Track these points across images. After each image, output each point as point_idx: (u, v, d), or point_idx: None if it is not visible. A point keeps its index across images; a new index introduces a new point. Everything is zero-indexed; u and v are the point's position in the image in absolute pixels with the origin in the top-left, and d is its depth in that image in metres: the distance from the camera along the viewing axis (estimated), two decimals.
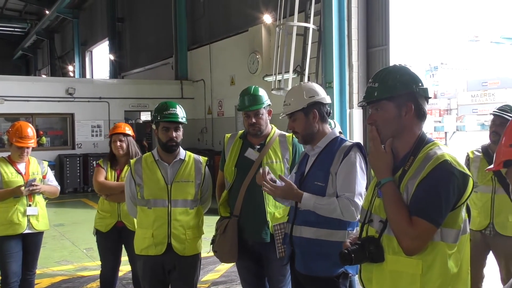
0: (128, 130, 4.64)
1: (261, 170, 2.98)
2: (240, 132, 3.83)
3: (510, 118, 3.94)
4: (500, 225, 4.07)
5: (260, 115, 3.66)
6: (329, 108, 3.05)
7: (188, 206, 3.61)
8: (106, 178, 4.54)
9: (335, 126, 4.92)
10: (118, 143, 4.56)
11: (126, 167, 4.56)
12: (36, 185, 4.58)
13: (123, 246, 4.60)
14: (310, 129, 3.00)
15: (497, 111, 4.02)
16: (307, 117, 2.99)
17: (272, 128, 3.77)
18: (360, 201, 2.76)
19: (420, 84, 2.13)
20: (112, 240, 4.54)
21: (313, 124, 3.00)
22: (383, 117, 2.13)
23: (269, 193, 2.95)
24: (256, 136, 3.68)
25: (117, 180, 4.54)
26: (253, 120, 3.64)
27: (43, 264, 6.62)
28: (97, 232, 4.59)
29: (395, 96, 2.10)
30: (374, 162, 2.13)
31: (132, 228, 4.43)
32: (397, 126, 2.12)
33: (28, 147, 4.65)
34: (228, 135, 3.86)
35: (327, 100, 3.05)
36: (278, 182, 2.95)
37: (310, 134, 3.01)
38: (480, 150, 4.20)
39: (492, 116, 4.05)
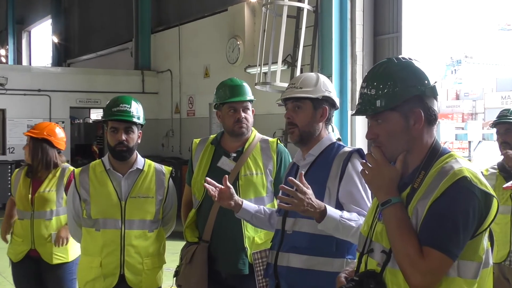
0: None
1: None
2: (212, 136, 3.83)
3: None
4: None
5: (248, 110, 3.70)
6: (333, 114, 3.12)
7: (147, 228, 3.62)
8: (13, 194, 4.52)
9: (333, 131, 4.95)
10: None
11: (49, 178, 4.50)
12: None
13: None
14: (312, 126, 3.02)
15: (497, 119, 4.27)
16: (316, 111, 3.01)
17: (252, 132, 3.78)
18: None
19: (426, 82, 2.13)
20: (25, 274, 4.49)
21: (318, 122, 3.03)
22: (387, 131, 2.13)
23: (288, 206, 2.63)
24: (241, 136, 3.69)
25: (33, 195, 4.45)
26: (243, 115, 3.65)
27: None
28: (10, 262, 4.54)
29: (399, 104, 2.10)
30: (375, 179, 2.14)
31: (49, 260, 4.39)
32: (406, 139, 2.13)
33: None
34: (196, 141, 3.86)
35: (337, 103, 3.11)
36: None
37: (309, 133, 3.02)
38: (495, 166, 4.35)
39: (495, 128, 4.31)
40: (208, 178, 3.11)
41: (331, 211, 2.69)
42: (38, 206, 4.44)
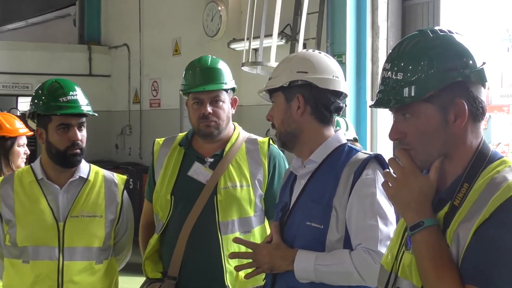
0: None
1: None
2: (181, 135, 3.84)
3: None
4: None
5: (220, 103, 3.70)
6: (338, 102, 3.07)
7: (94, 259, 3.63)
8: None
9: (347, 129, 4.95)
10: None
11: None
12: None
13: None
14: (289, 125, 3.03)
15: None
16: (289, 103, 3.03)
17: (234, 129, 3.78)
18: None
19: (471, 64, 2.12)
20: None
21: (295, 117, 3.02)
22: (419, 129, 2.13)
23: (252, 272, 3.02)
24: (210, 137, 3.71)
25: None
26: (208, 109, 3.66)
27: None
28: None
29: (435, 93, 2.10)
30: (401, 194, 2.14)
31: None
32: (443, 140, 2.13)
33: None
34: (159, 141, 3.88)
35: (333, 85, 3.04)
36: None
37: (288, 135, 3.05)
38: None
39: None
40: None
41: (302, 259, 2.84)
42: None
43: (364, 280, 2.79)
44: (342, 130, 3.19)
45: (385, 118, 9.51)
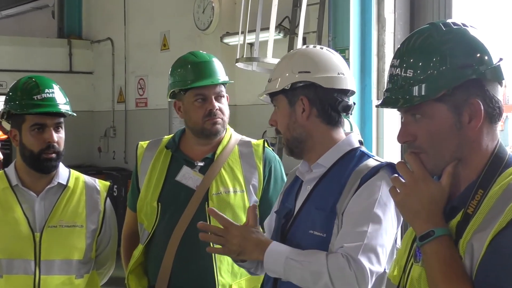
0: None
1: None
2: (167, 137, 3.83)
3: None
4: None
5: (223, 99, 3.78)
6: (346, 100, 3.07)
7: (73, 273, 3.63)
8: None
9: (351, 130, 4.96)
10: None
11: None
12: None
13: None
14: (295, 130, 3.04)
15: None
16: (292, 107, 3.04)
17: (226, 130, 3.78)
18: (370, 263, 2.76)
19: (487, 60, 2.12)
20: None
21: (301, 121, 3.03)
22: (430, 131, 2.14)
23: (218, 248, 2.98)
24: (215, 136, 3.72)
25: None
26: (215, 105, 3.66)
27: None
28: None
29: (448, 91, 2.10)
30: (409, 201, 2.13)
31: None
32: (456, 143, 2.13)
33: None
34: (143, 144, 3.88)
35: (339, 83, 3.05)
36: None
37: (297, 140, 3.05)
38: None
39: None
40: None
41: (274, 250, 2.84)
42: None
43: (333, 285, 2.75)
44: (355, 133, 3.15)
45: (392, 118, 9.51)
